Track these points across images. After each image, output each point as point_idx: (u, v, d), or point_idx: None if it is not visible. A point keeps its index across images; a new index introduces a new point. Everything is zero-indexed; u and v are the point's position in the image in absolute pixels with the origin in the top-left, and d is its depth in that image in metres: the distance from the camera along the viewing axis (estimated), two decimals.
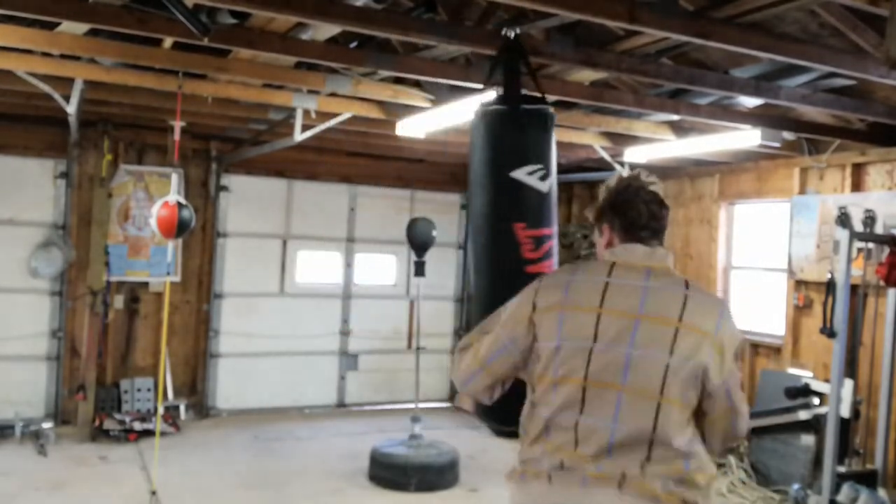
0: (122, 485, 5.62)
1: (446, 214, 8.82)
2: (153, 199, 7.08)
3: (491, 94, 3.27)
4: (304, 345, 8.22)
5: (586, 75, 4.61)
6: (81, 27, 3.85)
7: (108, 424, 6.80)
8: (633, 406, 1.94)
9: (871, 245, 5.37)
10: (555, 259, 2.99)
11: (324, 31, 3.95)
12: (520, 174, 2.91)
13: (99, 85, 5.07)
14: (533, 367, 2.08)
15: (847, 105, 4.85)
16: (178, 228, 4.86)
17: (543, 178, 2.92)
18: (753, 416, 6.35)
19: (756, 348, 6.91)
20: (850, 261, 5.15)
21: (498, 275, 2.95)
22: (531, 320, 2.07)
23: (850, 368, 5.45)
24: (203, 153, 7.77)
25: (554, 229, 3.01)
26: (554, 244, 3.00)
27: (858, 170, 6.05)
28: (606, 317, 1.99)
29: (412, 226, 6.50)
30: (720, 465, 6.37)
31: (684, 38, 3.60)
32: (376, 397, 8.60)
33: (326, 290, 8.46)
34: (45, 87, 4.89)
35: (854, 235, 5.20)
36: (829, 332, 5.32)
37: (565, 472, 1.97)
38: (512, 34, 3.06)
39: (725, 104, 5.16)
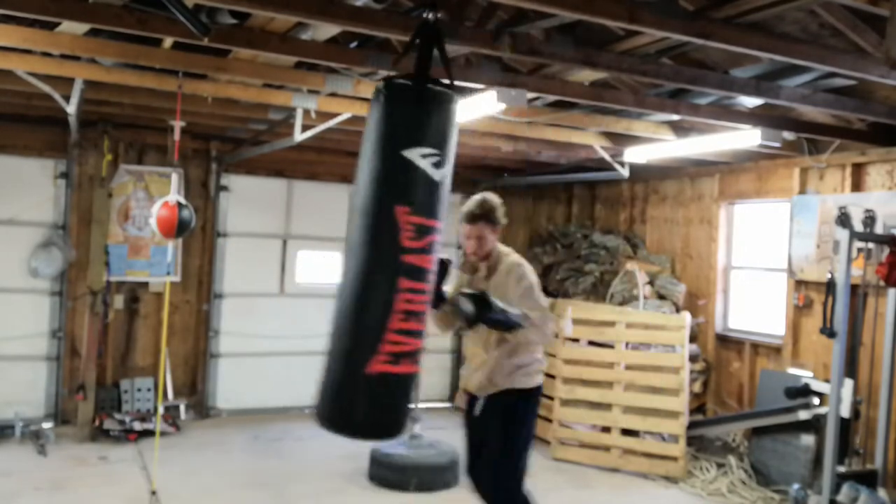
0: (122, 485, 5.62)
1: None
2: (153, 199, 7.09)
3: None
4: (304, 345, 8.20)
5: (586, 75, 4.61)
6: (81, 27, 3.86)
7: (108, 424, 6.80)
8: None
9: (871, 245, 5.37)
10: (433, 256, 2.76)
11: (324, 31, 3.95)
12: (413, 154, 2.65)
13: (99, 85, 5.07)
14: None
15: (847, 105, 4.85)
16: (178, 228, 4.87)
17: (438, 165, 2.67)
18: (753, 416, 6.37)
19: (756, 348, 6.91)
20: (850, 261, 5.16)
21: (370, 259, 2.69)
22: None
23: (850, 368, 5.45)
24: (203, 153, 7.77)
25: (441, 225, 2.75)
26: (438, 240, 2.74)
27: (858, 170, 6.05)
28: None
29: None
30: (720, 465, 6.38)
31: (684, 38, 3.60)
32: None
33: (326, 290, 8.40)
34: (45, 87, 4.89)
35: (854, 235, 5.20)
36: (829, 332, 5.32)
37: None
38: (431, 16, 2.80)
39: (725, 104, 5.16)
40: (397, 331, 2.65)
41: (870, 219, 5.49)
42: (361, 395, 2.71)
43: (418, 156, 2.66)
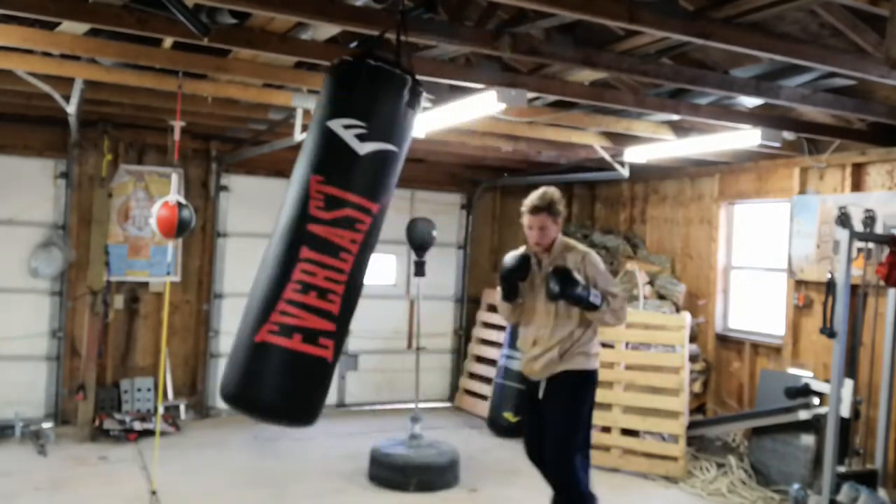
0: (122, 485, 5.62)
1: (446, 214, 8.82)
2: (153, 199, 7.09)
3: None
4: None
5: (586, 75, 4.61)
6: (81, 27, 3.86)
7: (108, 424, 6.80)
8: None
9: (871, 245, 5.37)
10: (360, 235, 2.66)
11: (324, 31, 3.95)
12: (335, 124, 2.66)
13: (99, 85, 5.07)
14: None
15: (847, 105, 4.85)
16: (178, 228, 4.87)
17: (362, 138, 2.65)
18: (753, 416, 6.36)
19: (756, 348, 6.91)
20: (850, 261, 5.16)
21: (279, 226, 2.75)
22: None
23: (850, 368, 5.45)
24: (203, 153, 7.77)
25: (366, 202, 2.67)
26: (358, 217, 2.66)
27: (858, 170, 6.05)
28: None
29: (412, 226, 6.50)
30: (720, 465, 6.39)
31: (684, 38, 3.60)
32: (376, 397, 8.60)
33: None
34: (45, 87, 4.89)
35: (854, 235, 5.20)
36: (829, 332, 5.32)
37: None
38: (400, 6, 2.89)
39: (725, 104, 5.16)
40: (291, 301, 2.60)
41: (870, 219, 5.49)
42: (244, 364, 2.66)
43: (340, 126, 2.65)
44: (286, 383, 2.63)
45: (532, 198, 4.09)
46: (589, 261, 4.03)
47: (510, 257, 4.09)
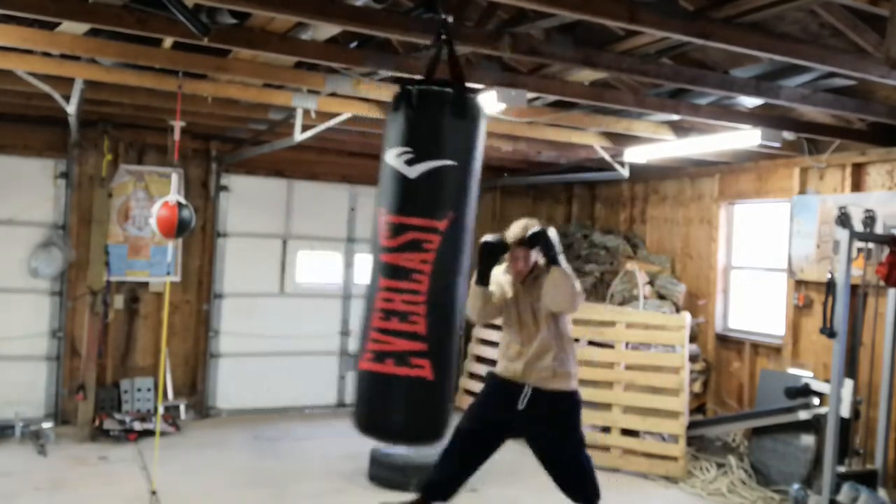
0: (122, 485, 5.61)
1: None
2: (153, 199, 7.09)
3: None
4: (304, 345, 8.22)
5: (586, 75, 4.61)
6: (81, 27, 3.86)
7: (108, 424, 6.80)
8: None
9: (871, 245, 5.37)
10: (431, 254, 2.72)
11: (324, 31, 3.95)
12: (388, 156, 2.78)
13: (99, 85, 5.06)
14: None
15: (847, 105, 4.85)
16: (178, 228, 4.87)
17: (411, 162, 2.73)
18: (753, 416, 6.37)
19: (756, 348, 6.91)
20: (850, 261, 5.16)
21: (369, 262, 2.94)
22: None
23: (850, 368, 5.45)
24: (203, 153, 7.77)
25: (428, 221, 2.74)
26: (425, 237, 2.72)
27: (858, 170, 6.05)
28: None
29: None
30: (720, 465, 6.39)
31: (684, 38, 3.60)
32: None
33: (326, 290, 8.46)
34: (45, 87, 4.89)
35: (854, 235, 5.20)
36: (829, 332, 5.32)
37: None
38: (450, 19, 2.91)
39: (725, 104, 5.16)
40: (378, 329, 2.73)
41: (870, 219, 5.49)
42: (356, 392, 2.86)
43: (392, 156, 2.76)
44: (388, 405, 2.80)
45: (517, 232, 4.17)
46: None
47: (489, 236, 4.18)
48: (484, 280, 4.13)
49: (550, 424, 4.15)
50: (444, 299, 2.78)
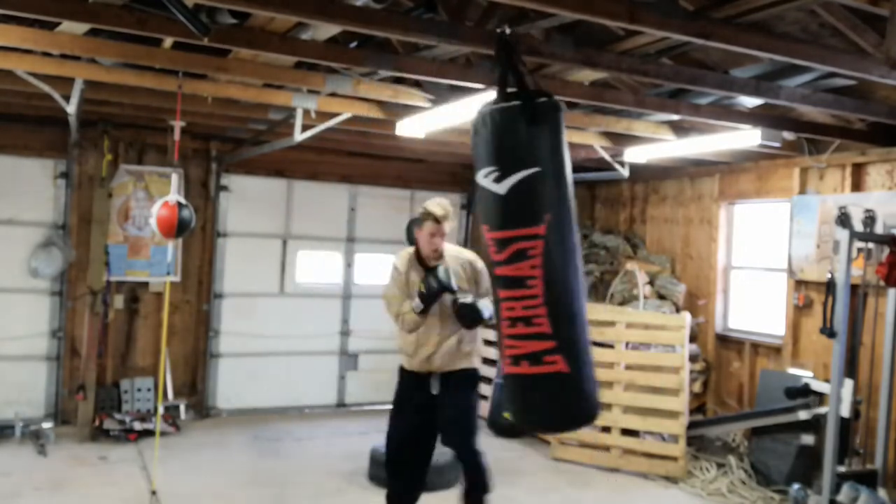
0: (122, 485, 5.62)
1: None
2: (153, 199, 7.09)
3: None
4: (304, 345, 8.22)
5: (586, 75, 4.61)
6: (81, 27, 3.85)
7: (108, 424, 6.81)
8: None
9: (871, 245, 5.37)
10: (538, 259, 2.87)
11: (324, 31, 3.95)
12: (479, 177, 2.95)
13: (99, 85, 5.06)
14: None
15: (847, 105, 4.85)
16: (178, 228, 4.86)
17: (498, 179, 2.88)
18: (753, 416, 6.37)
19: (756, 348, 6.91)
20: (850, 261, 5.16)
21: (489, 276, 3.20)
22: None
23: (850, 368, 5.45)
24: (203, 153, 7.78)
25: (527, 230, 2.90)
26: (528, 244, 2.89)
27: (858, 170, 6.05)
28: None
29: (412, 226, 6.51)
30: (720, 465, 6.38)
31: (684, 38, 3.60)
32: (376, 397, 8.58)
33: (326, 290, 8.47)
34: (45, 87, 4.88)
35: (854, 235, 5.20)
36: (829, 332, 5.33)
37: None
38: (507, 31, 2.99)
39: (725, 104, 5.16)
40: (508, 335, 2.95)
41: (870, 219, 5.49)
42: (504, 395, 3.24)
43: (482, 177, 2.93)
44: (534, 401, 3.00)
45: (435, 207, 4.24)
46: (477, 268, 4.40)
47: (439, 273, 4.20)
48: (426, 311, 4.25)
49: (457, 394, 4.37)
50: (561, 297, 2.93)
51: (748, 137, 5.39)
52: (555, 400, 2.97)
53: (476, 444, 4.40)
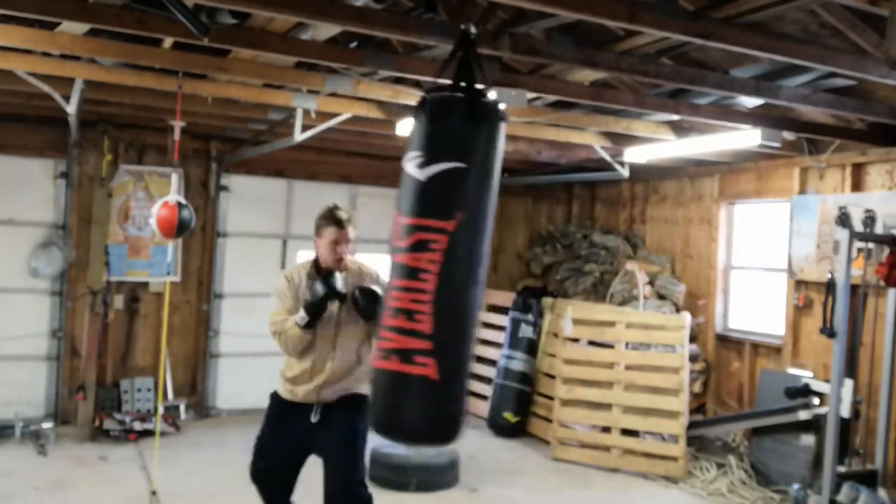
0: (122, 485, 5.62)
1: None
2: (153, 199, 7.08)
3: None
4: None
5: (586, 75, 4.61)
6: (81, 27, 3.85)
7: (108, 424, 6.80)
8: None
9: (871, 245, 5.37)
10: (438, 254, 2.70)
11: (324, 31, 3.95)
12: (404, 161, 2.84)
13: (99, 85, 5.06)
14: None
15: (847, 105, 4.85)
16: (178, 228, 4.86)
17: (421, 165, 2.78)
18: (753, 416, 6.37)
19: (756, 348, 6.91)
20: (850, 261, 5.15)
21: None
22: None
23: (850, 368, 5.45)
24: (203, 153, 7.77)
25: (436, 222, 2.74)
26: (433, 237, 2.72)
27: (858, 170, 6.05)
28: None
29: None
30: (720, 465, 6.38)
31: (684, 38, 3.60)
32: None
33: None
34: (45, 87, 4.89)
35: (854, 235, 5.20)
36: (829, 332, 5.33)
37: None
38: (473, 31, 2.98)
39: (725, 104, 5.16)
40: (387, 327, 2.75)
41: (870, 219, 5.49)
42: (371, 390, 2.89)
43: (407, 161, 2.82)
44: (393, 402, 2.79)
45: (336, 211, 3.80)
46: (382, 283, 3.82)
47: (332, 278, 3.74)
48: (311, 324, 3.76)
49: (343, 424, 3.87)
50: (452, 300, 2.76)
51: (748, 137, 5.39)
52: (411, 406, 2.74)
53: (363, 476, 3.95)
